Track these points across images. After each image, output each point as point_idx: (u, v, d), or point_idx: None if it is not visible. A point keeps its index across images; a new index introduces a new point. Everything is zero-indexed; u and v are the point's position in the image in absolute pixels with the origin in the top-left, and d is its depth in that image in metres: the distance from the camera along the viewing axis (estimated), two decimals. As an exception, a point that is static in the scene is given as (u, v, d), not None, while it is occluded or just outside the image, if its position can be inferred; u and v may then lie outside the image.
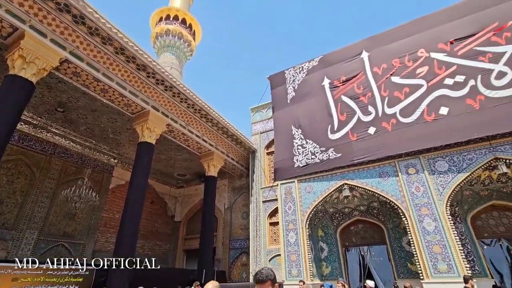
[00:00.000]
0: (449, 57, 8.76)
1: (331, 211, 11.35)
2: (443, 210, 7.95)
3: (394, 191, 8.86)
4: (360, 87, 10.01)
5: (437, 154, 8.58)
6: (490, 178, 8.66)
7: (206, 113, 11.05)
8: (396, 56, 9.75)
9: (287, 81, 12.05)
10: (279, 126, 11.50)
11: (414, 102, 8.84)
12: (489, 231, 9.32)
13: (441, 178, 8.31)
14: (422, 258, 7.76)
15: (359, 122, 9.58)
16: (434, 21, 9.65)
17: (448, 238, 7.65)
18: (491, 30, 8.45)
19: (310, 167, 10.03)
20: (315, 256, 10.62)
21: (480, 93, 7.99)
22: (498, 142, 7.87)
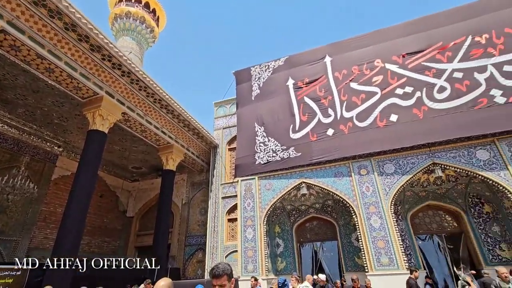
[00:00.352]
0: (401, 69, 9.57)
1: (289, 208, 11.69)
2: (388, 208, 8.69)
3: (347, 190, 9.43)
4: (322, 90, 10.43)
5: (386, 157, 9.33)
6: (428, 180, 9.69)
7: (167, 104, 10.54)
8: (355, 63, 10.35)
9: (252, 78, 12.06)
10: (243, 123, 11.48)
11: (369, 108, 9.49)
12: (424, 228, 10.46)
13: (388, 179, 9.07)
14: (368, 252, 8.40)
15: (319, 123, 9.98)
16: (390, 35, 10.45)
17: (391, 234, 8.38)
18: (436, 48, 9.42)
19: (271, 164, 10.19)
20: (271, 251, 10.86)
21: (424, 104, 8.87)
22: (436, 149, 8.83)
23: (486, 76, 8.57)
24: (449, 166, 8.60)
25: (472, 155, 8.50)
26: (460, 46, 9.18)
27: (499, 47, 8.72)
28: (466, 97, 8.54)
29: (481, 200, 9.68)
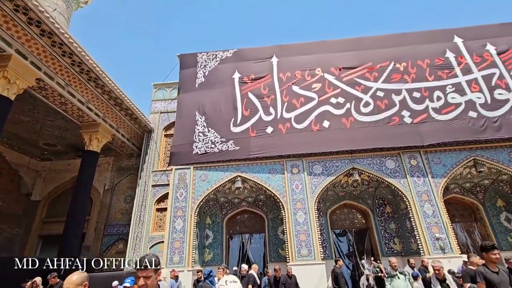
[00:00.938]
0: (336, 81, 10.55)
1: (222, 201, 11.77)
2: (312, 205, 9.55)
3: (279, 186, 9.99)
4: (266, 88, 10.73)
5: (316, 159, 10.21)
6: (347, 182, 11.00)
7: (96, 77, 9.33)
8: (299, 68, 10.96)
9: (198, 65, 11.62)
10: (183, 110, 10.99)
11: (306, 112, 10.20)
12: (339, 224, 11.87)
13: (315, 179, 9.95)
14: (291, 245, 9.10)
15: (260, 120, 10.26)
16: (331, 48, 11.42)
17: (312, 228, 9.25)
18: (366, 67, 10.70)
19: (209, 155, 10.04)
20: (200, 243, 10.78)
21: (351, 115, 9.99)
22: (356, 156, 10.07)
23: (400, 98, 10.14)
24: (365, 171, 9.93)
25: (382, 164, 9.98)
26: (384, 69, 10.62)
27: (412, 75, 10.42)
28: (384, 114, 9.96)
29: (385, 202, 11.48)
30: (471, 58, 10.61)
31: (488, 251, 3.36)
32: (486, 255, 3.39)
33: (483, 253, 3.40)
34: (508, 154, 9.76)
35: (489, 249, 3.36)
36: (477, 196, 11.40)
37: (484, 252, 3.39)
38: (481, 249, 3.43)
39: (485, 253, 3.39)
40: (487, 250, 3.37)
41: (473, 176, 10.73)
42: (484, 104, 9.81)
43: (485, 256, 3.41)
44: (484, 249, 3.39)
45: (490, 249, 3.36)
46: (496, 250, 3.32)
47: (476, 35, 11.22)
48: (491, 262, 3.36)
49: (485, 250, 3.39)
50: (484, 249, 3.39)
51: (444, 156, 9.92)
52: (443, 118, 9.74)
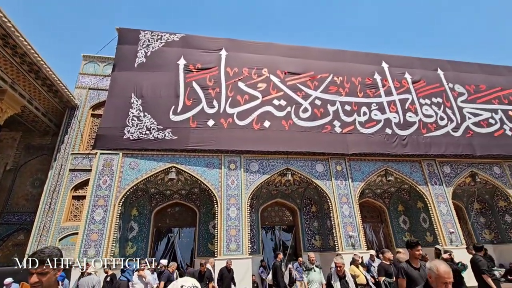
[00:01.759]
0: (281, 84, 10.98)
1: (152, 192, 11.07)
2: (246, 201, 9.74)
3: (215, 181, 9.89)
4: (212, 80, 10.49)
5: (253, 157, 10.44)
6: (280, 182, 11.56)
7: (6, 34, 7.71)
8: (247, 65, 11.04)
9: (140, 43, 10.64)
10: (117, 89, 9.91)
11: (249, 109, 10.33)
12: (269, 220, 12.41)
13: (251, 176, 10.17)
14: (220, 239, 9.10)
15: (202, 112, 9.97)
16: (279, 51, 11.83)
17: (243, 224, 9.43)
18: (308, 76, 11.42)
19: (142, 142, 9.30)
20: (122, 235, 9.94)
21: (291, 118, 10.53)
22: (291, 157, 10.67)
23: (334, 109, 11.13)
24: (297, 172, 10.58)
25: (313, 167, 10.80)
26: (324, 79, 11.50)
27: (346, 90, 11.54)
28: (319, 121, 10.78)
29: (311, 202, 12.46)
30: (393, 82, 12.32)
31: (413, 248, 3.51)
32: (411, 251, 3.53)
33: (409, 249, 3.55)
34: (410, 167, 11.66)
35: (413, 245, 3.51)
36: (384, 201, 13.31)
37: (409, 248, 3.54)
38: (407, 245, 3.58)
39: (410, 249, 3.54)
40: (412, 247, 3.52)
41: (383, 183, 12.49)
42: (398, 123, 11.49)
43: (410, 252, 3.54)
44: (409, 245, 3.54)
45: (415, 245, 3.51)
46: (419, 247, 3.50)
47: (398, 63, 13.07)
48: (414, 258, 3.50)
49: (410, 247, 3.54)
50: (409, 246, 3.54)
51: (363, 165, 11.28)
52: (366, 132, 11.05)
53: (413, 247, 3.51)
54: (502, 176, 12.34)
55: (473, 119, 12.43)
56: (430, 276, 2.21)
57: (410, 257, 3.55)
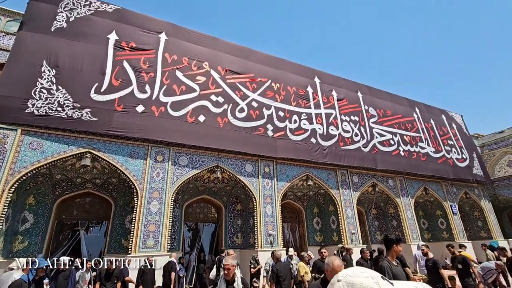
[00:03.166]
0: (221, 80, 10.92)
1: (58, 178, 9.56)
2: (170, 196, 9.29)
3: (138, 172, 9.14)
4: (147, 63, 9.70)
5: (184, 150, 10.06)
6: (209, 178, 11.45)
7: None
8: (187, 55, 10.61)
9: (61, 5, 9.06)
10: (23, 52, 8.20)
11: (185, 101, 9.94)
12: (194, 217, 12.14)
13: (179, 170, 9.77)
14: (137, 235, 8.43)
15: (131, 95, 9.11)
16: (223, 48, 11.77)
17: (164, 220, 8.96)
18: (248, 77, 11.68)
19: (51, 120, 7.91)
20: (10, 228, 8.27)
21: (227, 116, 10.56)
22: (223, 155, 10.67)
23: (269, 113, 11.64)
24: (227, 170, 10.65)
25: (243, 167, 11.05)
26: (262, 83, 11.93)
27: (281, 97, 12.22)
28: (253, 123, 11.11)
29: (237, 200, 12.71)
30: (322, 97, 13.62)
31: (398, 243, 3.36)
32: (396, 247, 3.33)
33: (394, 245, 3.32)
34: (327, 175, 13.04)
35: (398, 241, 3.38)
36: (303, 203, 14.54)
37: (394, 244, 3.33)
38: (394, 241, 3.36)
39: (395, 244, 3.33)
40: (397, 242, 3.35)
41: (304, 187, 13.64)
42: (321, 135, 12.73)
43: (394, 248, 3.33)
44: (396, 241, 3.36)
45: (399, 241, 3.40)
46: (401, 243, 3.41)
47: (328, 80, 14.53)
48: (396, 254, 3.34)
49: (396, 242, 3.34)
50: (395, 241, 3.35)
51: (289, 169, 12.11)
52: (294, 138, 11.90)
53: (398, 243, 3.35)
54: (394, 188, 14.94)
55: (379, 138, 14.71)
56: (327, 269, 2.50)
57: (392, 253, 3.31)
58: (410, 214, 14.86)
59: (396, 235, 3.45)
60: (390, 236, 3.40)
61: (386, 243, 3.39)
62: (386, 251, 3.38)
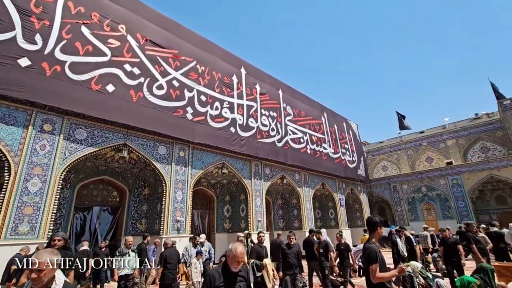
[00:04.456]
0: (139, 50, 9.75)
1: None
2: (58, 174, 7.79)
3: (13, 141, 7.28)
4: (40, 7, 7.64)
5: (82, 121, 8.57)
6: (113, 157, 10.16)
7: None
8: (99, 11, 8.99)
9: None
10: None
11: (90, 64, 8.44)
12: (90, 199, 10.61)
13: (74, 144, 8.28)
14: (4, 218, 6.74)
15: (12, 43, 7.06)
16: (147, 14, 10.52)
17: (47, 201, 7.46)
18: (172, 53, 10.83)
19: None
20: None
21: (142, 91, 9.53)
22: (133, 133, 9.63)
23: (190, 95, 11.10)
24: (136, 151, 9.66)
25: (155, 148, 10.24)
26: (187, 63, 11.26)
27: (205, 81, 11.83)
28: (173, 103, 10.40)
29: (145, 184, 11.75)
30: (246, 88, 13.86)
31: (382, 226, 3.36)
32: (379, 230, 3.32)
33: (378, 227, 3.30)
34: (242, 164, 13.44)
35: (382, 224, 3.37)
36: (216, 191, 14.61)
37: (379, 226, 3.31)
38: (379, 223, 3.31)
39: (379, 227, 3.32)
40: (381, 225, 3.37)
41: (219, 175, 13.69)
42: (241, 125, 12.98)
43: (378, 230, 3.31)
44: (381, 223, 3.35)
45: (383, 224, 3.41)
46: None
47: (254, 73, 14.89)
48: (379, 236, 3.32)
49: (380, 224, 3.34)
50: (380, 224, 3.33)
51: (205, 155, 11.90)
52: (214, 125, 11.74)
53: (382, 226, 3.32)
54: (299, 181, 16.64)
55: (292, 136, 16.04)
56: (229, 255, 2.47)
57: (376, 236, 3.29)
58: (309, 205, 16.86)
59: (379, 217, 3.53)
60: (375, 218, 3.29)
61: (371, 225, 3.28)
62: (370, 233, 3.31)
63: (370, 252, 3.01)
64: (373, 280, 2.93)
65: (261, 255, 5.99)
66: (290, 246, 6.22)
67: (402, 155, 25.95)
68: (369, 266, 2.97)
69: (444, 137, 23.79)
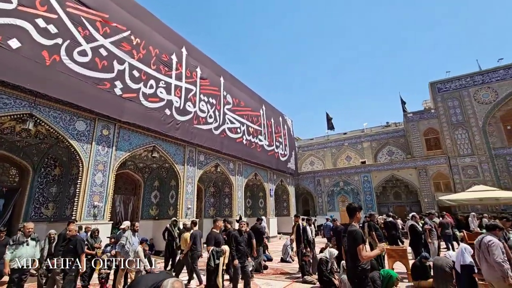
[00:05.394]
0: (57, 4, 8.21)
1: None
2: None
3: None
4: None
5: (-29, 80, 6.86)
6: (13, 128, 8.46)
7: None
8: None
9: None
10: None
11: (-13, 10, 6.76)
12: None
13: (-45, 107, 6.57)
14: None
15: None
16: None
17: None
18: (101, 17, 9.49)
19: None
20: None
21: (59, 54, 8.11)
22: (42, 102, 8.16)
23: (121, 68, 9.97)
24: (46, 124, 8.23)
25: (72, 123, 8.92)
26: (118, 31, 10.04)
27: (140, 55, 10.79)
28: (98, 74, 9.16)
29: (56, 163, 10.19)
30: (186, 70, 13.18)
31: (360, 211, 3.71)
32: (358, 214, 3.66)
33: (357, 212, 3.66)
34: (175, 149, 12.85)
35: (360, 209, 3.73)
36: (143, 175, 13.65)
37: (357, 211, 3.66)
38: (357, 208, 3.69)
39: (357, 212, 3.66)
40: (359, 210, 3.71)
41: (148, 159, 12.81)
42: (177, 108, 12.33)
43: (357, 215, 3.65)
44: (359, 208, 3.71)
45: (361, 209, 3.77)
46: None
47: (196, 56, 14.25)
48: (357, 220, 3.67)
49: (358, 210, 3.68)
50: (358, 209, 3.68)
51: (134, 136, 10.94)
52: (147, 105, 10.85)
53: (360, 211, 3.70)
54: (233, 170, 16.84)
55: (230, 125, 16.04)
56: None
57: (355, 220, 3.64)
58: (241, 194, 17.27)
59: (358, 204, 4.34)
60: (354, 205, 3.71)
61: (351, 210, 3.67)
62: (351, 218, 3.66)
63: (356, 234, 3.31)
64: (361, 259, 3.23)
65: (218, 241, 6.01)
66: (241, 233, 6.33)
67: (327, 153, 28.76)
68: (357, 247, 3.24)
69: (361, 140, 27.23)
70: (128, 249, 6.60)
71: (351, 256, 3.36)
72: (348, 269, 3.50)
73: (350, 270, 3.43)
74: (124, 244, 6.60)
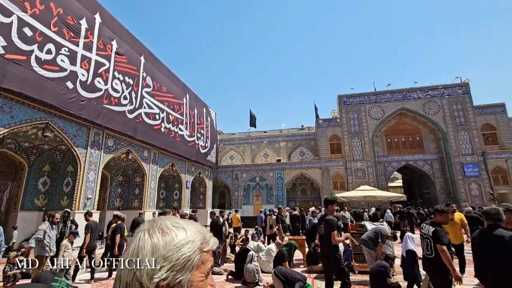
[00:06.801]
0: None
1: None
2: None
3: None
4: None
5: None
6: None
7: None
8: None
9: None
10: None
11: None
12: None
13: None
14: None
15: None
16: None
17: None
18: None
19: None
20: None
21: None
22: None
23: (6, 21, 8.00)
24: None
25: None
26: (7, -25, 7.97)
27: (35, 10, 8.84)
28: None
29: None
30: (98, 40, 11.47)
31: (333, 204, 4.29)
32: (331, 206, 4.28)
33: (329, 204, 4.28)
34: (77, 130, 11.10)
35: (334, 202, 4.31)
36: (29, 158, 11.32)
37: (330, 204, 4.28)
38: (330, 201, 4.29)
39: (331, 204, 4.27)
40: (332, 203, 4.29)
41: (38, 138, 10.67)
42: (83, 82, 10.64)
43: (329, 207, 4.29)
44: (332, 201, 4.29)
45: (335, 202, 4.35)
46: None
47: (113, 26, 12.58)
48: (332, 212, 4.26)
49: (331, 202, 4.29)
50: (331, 202, 4.29)
51: (18, 108, 8.93)
52: (41, 72, 9.00)
53: (333, 204, 4.32)
54: (147, 159, 15.65)
55: (147, 110, 14.82)
56: None
57: (330, 211, 4.29)
58: (154, 184, 16.23)
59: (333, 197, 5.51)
60: (330, 198, 4.35)
61: (326, 203, 4.36)
62: (326, 209, 4.37)
63: (332, 222, 4.05)
64: (333, 241, 3.98)
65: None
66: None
67: (247, 148, 29.89)
68: (332, 232, 3.98)
69: (279, 139, 29.36)
70: (47, 244, 5.50)
71: (327, 239, 4.07)
72: (325, 249, 4.25)
73: (326, 250, 4.19)
74: (41, 238, 5.45)
